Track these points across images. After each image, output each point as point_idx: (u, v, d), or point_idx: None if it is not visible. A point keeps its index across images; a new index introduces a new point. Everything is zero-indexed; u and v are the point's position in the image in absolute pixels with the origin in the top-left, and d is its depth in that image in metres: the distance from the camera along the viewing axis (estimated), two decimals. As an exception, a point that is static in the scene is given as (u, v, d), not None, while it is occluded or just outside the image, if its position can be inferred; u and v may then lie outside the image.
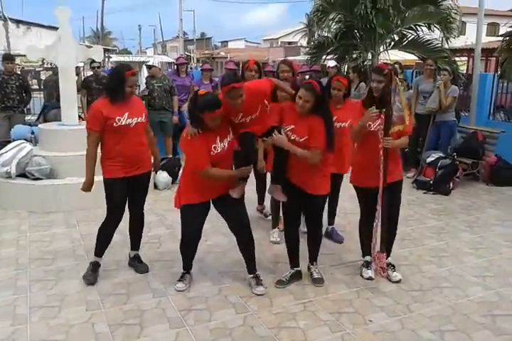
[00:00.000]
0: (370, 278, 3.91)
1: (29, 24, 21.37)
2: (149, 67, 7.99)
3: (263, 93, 3.51)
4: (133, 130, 3.69)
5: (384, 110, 3.59)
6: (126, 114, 3.65)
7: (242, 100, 3.31)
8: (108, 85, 3.90)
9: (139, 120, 3.72)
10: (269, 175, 4.31)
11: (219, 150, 3.40)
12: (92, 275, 3.86)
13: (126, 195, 3.87)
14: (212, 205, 3.71)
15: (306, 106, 3.44)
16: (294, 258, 3.93)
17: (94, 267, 3.91)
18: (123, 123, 3.64)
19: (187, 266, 3.83)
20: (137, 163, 3.78)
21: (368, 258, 4.04)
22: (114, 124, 3.62)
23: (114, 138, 3.68)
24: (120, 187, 3.79)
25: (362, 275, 3.97)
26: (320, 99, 3.45)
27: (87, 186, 3.85)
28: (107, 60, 22.62)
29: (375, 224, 3.89)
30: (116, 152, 3.70)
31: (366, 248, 4.05)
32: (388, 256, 3.99)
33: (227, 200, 3.58)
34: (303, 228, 4.20)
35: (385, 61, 10.07)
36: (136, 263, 4.10)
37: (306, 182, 3.62)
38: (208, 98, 3.31)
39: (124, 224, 4.05)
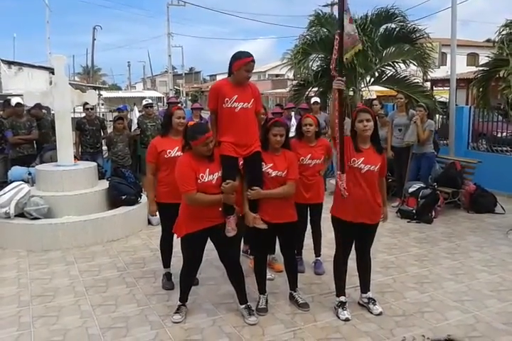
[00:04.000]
0: (347, 320, 3.92)
1: (21, 65, 21.85)
2: (146, 107, 8.33)
3: (257, 90, 3.96)
4: None
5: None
6: (177, 147, 4.19)
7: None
8: (162, 123, 4.88)
9: None
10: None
11: (206, 180, 3.67)
12: (168, 283, 4.62)
13: (175, 217, 4.02)
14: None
15: (282, 140, 3.96)
16: (263, 285, 4.19)
17: (168, 276, 4.69)
18: (173, 155, 4.27)
19: (183, 298, 4.05)
20: None
21: (342, 298, 4.04)
22: (165, 156, 4.31)
23: (165, 168, 4.34)
24: (169, 211, 4.25)
25: (338, 317, 3.96)
26: (287, 132, 4.04)
27: (151, 209, 4.55)
28: (97, 96, 23.07)
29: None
30: (166, 180, 4.32)
31: (340, 287, 4.09)
32: (368, 290, 4.18)
33: (220, 231, 3.83)
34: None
35: (367, 96, 10.61)
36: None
37: (277, 213, 3.95)
38: (195, 126, 3.77)
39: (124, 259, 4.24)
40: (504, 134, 9.53)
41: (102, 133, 8.51)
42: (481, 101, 8.82)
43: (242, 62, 3.69)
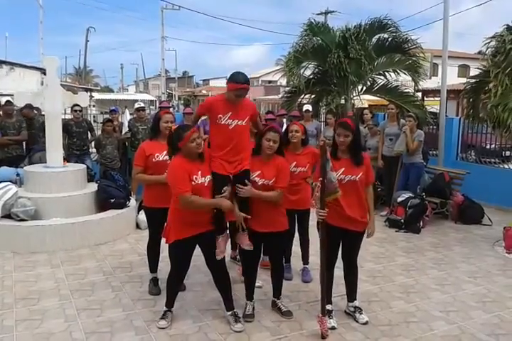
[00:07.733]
0: (333, 328, 3.90)
1: (12, 64, 21.67)
2: (138, 110, 8.29)
3: (253, 108, 4.05)
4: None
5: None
6: (165, 152, 4.12)
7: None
8: (150, 127, 4.75)
9: None
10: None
11: (199, 182, 3.66)
12: (155, 288, 4.57)
13: (162, 222, 4.11)
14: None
15: (275, 147, 3.92)
16: (251, 292, 4.17)
17: (154, 282, 4.63)
18: (161, 159, 4.25)
19: (170, 303, 4.03)
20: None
21: (328, 306, 4.02)
22: (153, 160, 4.27)
23: (152, 172, 4.31)
24: (156, 216, 4.34)
25: None
26: (282, 139, 4.02)
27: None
28: (89, 98, 22.91)
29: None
30: (153, 184, 4.30)
31: (326, 295, 3.99)
32: (354, 299, 4.18)
33: (208, 237, 3.83)
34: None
35: (359, 105, 10.68)
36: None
37: (268, 222, 3.93)
38: (178, 128, 3.75)
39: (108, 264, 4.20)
40: (493, 146, 9.63)
41: (90, 136, 8.47)
42: (470, 112, 8.91)
43: (233, 87, 3.70)
